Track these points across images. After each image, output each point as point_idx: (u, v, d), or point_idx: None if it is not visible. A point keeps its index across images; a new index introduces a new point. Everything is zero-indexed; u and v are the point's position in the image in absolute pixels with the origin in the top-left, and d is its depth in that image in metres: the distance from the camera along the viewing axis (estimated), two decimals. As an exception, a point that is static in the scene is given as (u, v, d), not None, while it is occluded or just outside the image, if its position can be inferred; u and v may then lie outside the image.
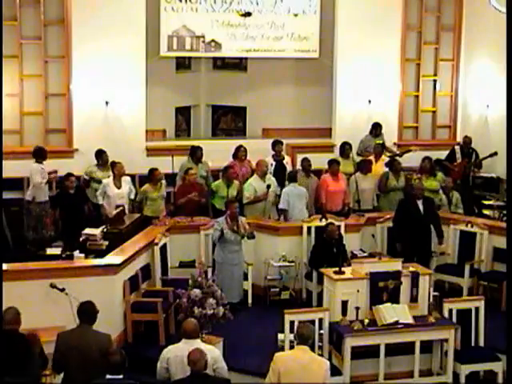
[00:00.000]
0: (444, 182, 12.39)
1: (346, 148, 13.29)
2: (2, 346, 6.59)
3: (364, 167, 12.41)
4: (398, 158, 13.23)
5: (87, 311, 7.02)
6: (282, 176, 12.41)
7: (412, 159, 13.55)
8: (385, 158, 13.19)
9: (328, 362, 6.91)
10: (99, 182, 12.27)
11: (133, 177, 12.62)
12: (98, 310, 7.10)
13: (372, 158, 13.10)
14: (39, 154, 11.96)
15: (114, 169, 11.99)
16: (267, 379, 6.78)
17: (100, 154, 12.57)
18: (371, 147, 13.55)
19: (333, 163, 12.31)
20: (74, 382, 6.81)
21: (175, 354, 6.86)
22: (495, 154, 13.39)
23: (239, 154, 12.86)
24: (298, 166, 12.96)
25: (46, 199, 11.95)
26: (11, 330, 6.71)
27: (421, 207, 10.85)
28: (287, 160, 13.32)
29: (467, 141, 13.89)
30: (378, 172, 12.75)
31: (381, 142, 13.60)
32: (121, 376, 6.31)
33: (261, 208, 11.89)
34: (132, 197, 12.00)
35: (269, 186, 11.85)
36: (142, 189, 11.94)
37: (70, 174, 11.77)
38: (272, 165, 12.87)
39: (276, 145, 13.20)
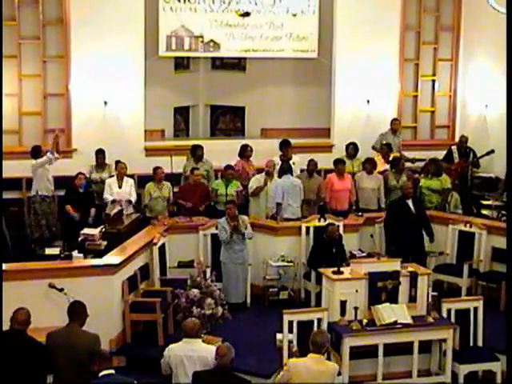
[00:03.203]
0: (447, 185, 12.36)
1: (350, 148, 13.33)
2: (8, 343, 6.62)
3: (368, 166, 12.39)
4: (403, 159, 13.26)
5: (77, 310, 6.99)
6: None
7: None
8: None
9: (337, 367, 6.92)
10: (96, 182, 12.29)
11: (132, 177, 12.61)
12: (88, 313, 7.06)
13: (379, 157, 13.10)
14: (38, 152, 11.90)
15: (116, 168, 12.06)
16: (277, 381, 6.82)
17: (96, 154, 12.58)
18: (393, 144, 13.62)
19: (338, 163, 12.30)
20: (62, 382, 6.80)
21: (175, 353, 6.88)
22: (492, 151, 13.42)
23: (246, 153, 12.83)
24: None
25: (49, 194, 11.90)
26: (19, 331, 6.71)
27: (411, 206, 10.86)
28: (295, 160, 13.06)
29: (464, 140, 13.90)
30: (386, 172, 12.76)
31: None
32: (113, 371, 6.31)
33: (259, 205, 11.91)
34: (132, 199, 11.91)
35: (268, 173, 11.92)
36: (146, 188, 11.94)
37: (80, 173, 11.79)
38: (278, 164, 12.82)
39: (283, 145, 13.05)
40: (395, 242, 10.76)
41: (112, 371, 6.31)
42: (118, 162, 12.18)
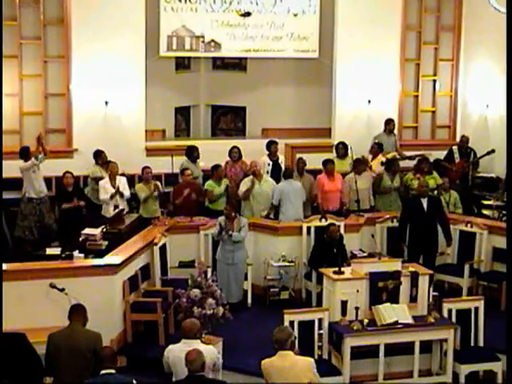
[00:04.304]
0: (439, 181, 12.39)
1: (339, 148, 13.32)
2: None
3: (356, 167, 12.37)
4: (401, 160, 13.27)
5: (79, 311, 7.05)
6: (279, 175, 12.41)
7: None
8: (381, 158, 13.18)
9: (312, 360, 6.81)
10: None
11: (132, 177, 12.63)
12: (87, 318, 7.11)
13: (369, 157, 13.12)
14: (26, 153, 11.89)
15: (107, 168, 12.04)
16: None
17: (99, 155, 12.56)
18: (387, 144, 13.67)
19: (328, 163, 12.30)
20: (65, 382, 6.80)
21: (174, 354, 6.87)
22: (492, 151, 13.41)
23: (231, 154, 12.90)
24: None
25: (37, 196, 11.89)
26: None
27: (425, 206, 10.81)
28: (282, 159, 13.31)
29: (464, 140, 13.90)
30: (374, 171, 12.74)
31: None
32: (113, 371, 6.32)
33: (251, 207, 11.95)
34: (127, 194, 11.88)
35: (254, 174, 11.96)
36: (136, 189, 11.94)
37: (66, 172, 11.79)
38: (269, 164, 12.90)
39: (271, 145, 13.20)
40: (404, 240, 10.74)
41: (112, 371, 6.33)
42: (109, 162, 12.14)
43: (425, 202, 10.82)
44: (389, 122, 14.16)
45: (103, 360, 6.40)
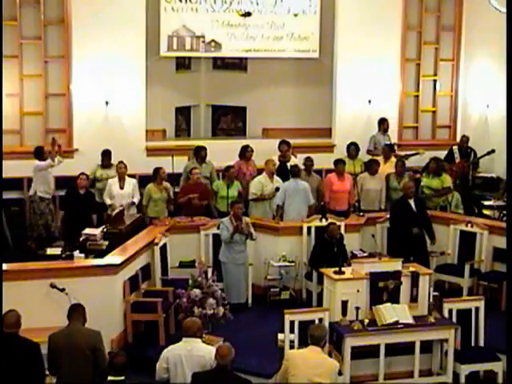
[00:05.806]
0: (447, 184, 12.36)
1: (351, 148, 13.32)
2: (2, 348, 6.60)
3: (371, 168, 12.39)
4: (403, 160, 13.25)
5: (78, 310, 7.06)
6: (286, 177, 12.33)
7: (417, 160, 13.64)
8: (394, 160, 13.17)
9: (338, 364, 6.99)
10: (100, 180, 12.36)
11: (133, 177, 12.62)
12: (86, 318, 7.11)
13: (380, 158, 13.12)
14: (41, 153, 11.93)
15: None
16: (278, 374, 6.92)
17: (103, 155, 12.63)
18: (381, 144, 13.67)
19: (338, 163, 12.30)
20: (66, 381, 6.81)
21: (174, 353, 6.88)
22: (493, 151, 13.41)
23: (247, 153, 12.83)
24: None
25: (47, 196, 11.92)
26: (11, 334, 6.70)
27: (413, 206, 10.86)
28: (293, 161, 13.01)
29: (465, 140, 13.89)
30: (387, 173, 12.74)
31: (389, 142, 13.64)
32: (123, 377, 6.31)
33: (264, 208, 11.91)
34: (135, 200, 11.94)
35: (278, 189, 11.76)
36: (146, 189, 11.92)
37: (81, 173, 11.75)
38: (275, 165, 12.84)
39: (280, 145, 13.14)
40: (402, 239, 10.74)
41: (122, 378, 6.31)
42: (119, 163, 12.19)
43: (412, 202, 10.86)
44: (383, 122, 14.15)
45: (114, 367, 6.35)
